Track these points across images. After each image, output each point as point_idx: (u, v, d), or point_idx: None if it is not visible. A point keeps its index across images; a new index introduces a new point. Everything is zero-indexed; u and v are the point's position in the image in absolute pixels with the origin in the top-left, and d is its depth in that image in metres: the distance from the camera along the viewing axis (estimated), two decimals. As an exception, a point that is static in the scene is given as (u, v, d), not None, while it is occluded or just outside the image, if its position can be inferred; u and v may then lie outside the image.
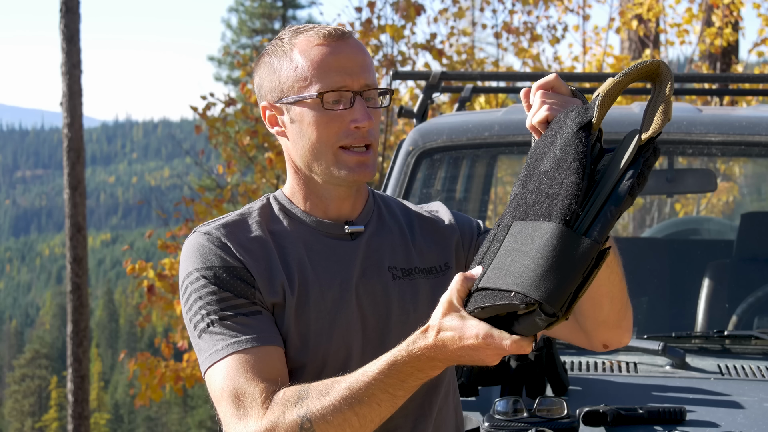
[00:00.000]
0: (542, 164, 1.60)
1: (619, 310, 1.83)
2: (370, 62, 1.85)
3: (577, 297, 1.49)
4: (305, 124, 1.83)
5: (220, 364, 1.74)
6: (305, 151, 1.84)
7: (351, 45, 1.84)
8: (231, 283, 1.78)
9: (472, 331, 1.54)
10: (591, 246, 1.48)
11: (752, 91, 4.31)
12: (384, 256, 1.90)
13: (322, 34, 1.83)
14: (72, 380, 11.10)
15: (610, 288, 1.79)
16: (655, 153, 1.56)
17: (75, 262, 11.06)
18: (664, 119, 1.55)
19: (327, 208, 1.89)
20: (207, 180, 15.48)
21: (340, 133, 1.81)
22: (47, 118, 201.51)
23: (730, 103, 8.88)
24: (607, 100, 1.59)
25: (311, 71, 1.81)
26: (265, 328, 1.77)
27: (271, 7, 30.14)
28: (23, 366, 46.75)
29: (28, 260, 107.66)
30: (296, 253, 1.84)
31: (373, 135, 1.84)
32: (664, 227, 6.46)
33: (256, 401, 1.69)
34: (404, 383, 1.62)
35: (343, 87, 1.81)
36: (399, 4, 9.75)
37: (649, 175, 1.55)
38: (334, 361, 1.80)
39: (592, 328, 1.86)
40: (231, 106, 10.03)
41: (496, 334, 1.52)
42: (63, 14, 11.14)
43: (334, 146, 1.82)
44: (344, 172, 1.82)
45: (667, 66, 1.58)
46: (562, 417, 2.37)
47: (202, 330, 1.77)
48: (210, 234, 1.83)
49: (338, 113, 1.81)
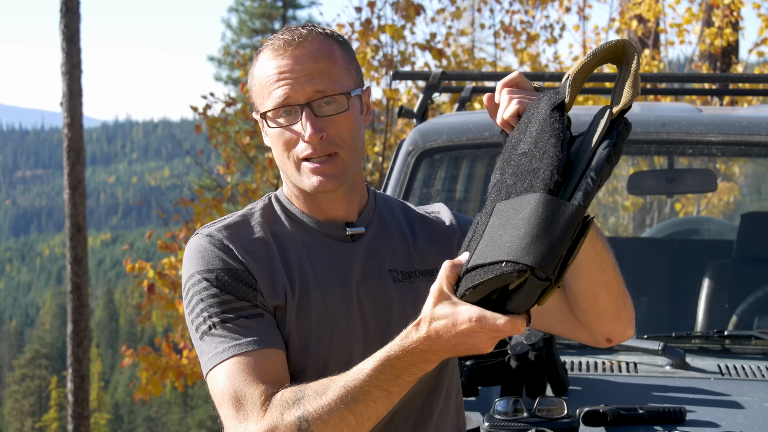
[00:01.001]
0: (519, 148, 1.63)
1: (616, 299, 1.84)
2: (324, 67, 1.80)
3: (567, 263, 1.50)
4: (270, 138, 1.87)
5: (221, 367, 1.74)
6: (278, 161, 1.88)
7: (299, 54, 1.80)
8: (233, 285, 1.78)
9: (465, 316, 1.53)
10: (576, 210, 1.51)
11: (752, 91, 4.32)
12: (385, 259, 1.89)
13: (276, 46, 1.82)
14: (72, 380, 11.10)
15: (603, 277, 1.80)
16: (626, 126, 1.61)
17: (75, 262, 11.06)
18: (633, 92, 1.60)
19: (322, 208, 1.89)
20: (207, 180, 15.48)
21: (298, 146, 1.82)
22: (47, 118, 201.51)
23: (730, 103, 8.87)
24: (577, 80, 1.62)
25: (260, 89, 1.83)
26: (267, 330, 1.77)
27: (271, 7, 30.14)
28: (23, 366, 46.75)
29: (28, 260, 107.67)
30: (297, 255, 1.84)
31: (335, 142, 1.81)
32: (664, 227, 6.46)
33: (256, 404, 1.69)
34: (399, 379, 1.62)
35: (286, 102, 1.80)
36: (399, 4, 9.75)
37: (623, 145, 1.60)
38: (335, 363, 1.80)
39: (592, 322, 1.87)
40: (231, 106, 10.03)
41: (489, 315, 1.51)
42: (63, 14, 11.14)
43: (295, 159, 1.83)
44: (306, 182, 1.83)
45: (632, 44, 1.62)
46: (562, 417, 2.38)
47: (203, 332, 1.77)
48: (212, 236, 1.83)
49: (288, 128, 1.81)
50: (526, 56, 10.84)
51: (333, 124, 1.81)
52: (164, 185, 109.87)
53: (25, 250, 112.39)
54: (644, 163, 6.99)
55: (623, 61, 1.63)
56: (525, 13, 11.22)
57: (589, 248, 1.77)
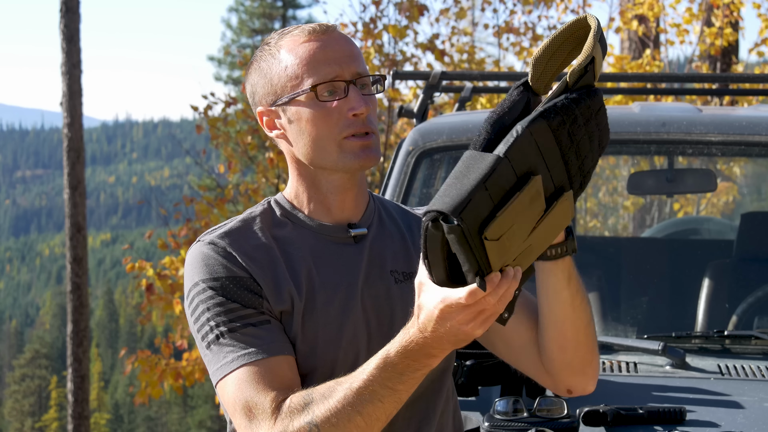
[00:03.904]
0: None
1: (584, 355, 1.85)
2: (358, 52, 1.85)
3: (494, 215, 1.47)
4: (303, 121, 1.82)
5: (230, 377, 1.74)
6: (307, 148, 1.83)
7: (336, 37, 1.84)
8: (238, 293, 1.78)
9: (433, 301, 1.52)
10: (488, 157, 1.49)
11: (752, 91, 4.31)
12: (386, 260, 1.89)
13: (306, 31, 1.83)
14: (72, 380, 11.10)
15: (575, 333, 1.81)
16: (589, 95, 1.56)
17: (75, 262, 11.06)
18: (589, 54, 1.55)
19: (330, 207, 1.88)
20: (207, 180, 15.47)
21: (340, 124, 1.81)
22: (47, 118, 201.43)
23: (730, 103, 8.87)
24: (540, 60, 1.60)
25: (301, 68, 1.81)
26: (275, 337, 1.77)
27: (271, 7, 30.15)
28: (23, 366, 46.76)
29: (28, 260, 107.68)
30: (302, 258, 1.84)
31: (372, 122, 1.83)
32: (664, 227, 6.46)
33: (267, 412, 1.69)
34: (402, 376, 1.62)
35: (335, 77, 1.80)
36: (402, 4, 9.74)
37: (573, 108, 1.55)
38: (342, 365, 1.80)
39: (557, 371, 1.87)
40: (232, 105, 10.03)
41: (451, 291, 1.50)
42: (63, 14, 11.14)
43: (337, 138, 1.81)
44: (350, 158, 1.81)
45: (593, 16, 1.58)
46: (562, 417, 2.38)
47: (210, 342, 1.77)
48: (215, 243, 1.82)
49: (335, 105, 1.80)
50: (529, 56, 10.83)
51: (372, 104, 1.84)
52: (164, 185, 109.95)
53: (25, 250, 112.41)
54: (644, 163, 7.00)
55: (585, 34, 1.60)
56: (527, 14, 11.21)
57: (566, 303, 1.78)
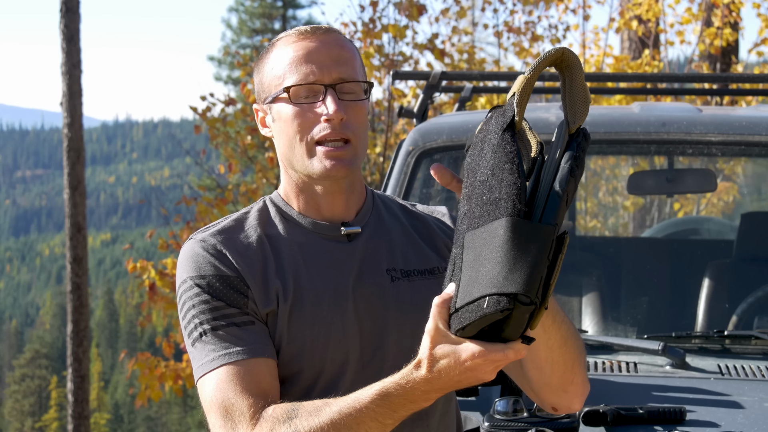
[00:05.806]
0: (478, 175, 1.62)
1: (561, 374, 1.82)
2: (349, 57, 1.84)
3: (549, 284, 1.50)
4: (282, 120, 1.84)
5: (210, 376, 1.75)
6: (285, 147, 1.86)
7: (326, 40, 1.84)
8: (224, 292, 1.78)
9: (468, 353, 1.51)
10: (547, 229, 1.51)
11: (752, 91, 4.32)
12: (382, 258, 1.89)
13: (299, 32, 1.85)
14: (72, 380, 11.10)
15: (548, 353, 1.78)
16: (585, 137, 1.61)
17: (75, 262, 11.06)
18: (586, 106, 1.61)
19: (319, 206, 1.88)
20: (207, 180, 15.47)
21: (314, 127, 1.81)
22: (47, 118, 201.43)
23: (730, 103, 8.87)
24: (523, 97, 1.62)
25: (283, 68, 1.83)
26: (257, 339, 1.77)
27: (271, 7, 30.15)
28: (23, 366, 46.75)
29: (28, 260, 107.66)
30: (291, 257, 1.84)
31: (351, 129, 1.82)
32: (664, 227, 6.46)
33: (245, 415, 1.69)
34: (395, 413, 1.62)
35: (314, 81, 1.81)
36: (402, 3, 9.74)
37: (584, 157, 1.61)
38: (331, 364, 1.80)
39: (538, 390, 1.87)
40: (230, 105, 10.02)
41: (491, 347, 1.50)
42: (63, 14, 11.13)
43: (308, 141, 1.82)
44: (317, 165, 1.82)
45: (572, 51, 1.61)
46: (562, 417, 2.38)
47: (195, 339, 1.78)
48: (205, 241, 1.83)
49: (308, 106, 1.81)
50: (529, 56, 10.83)
51: (352, 111, 1.83)
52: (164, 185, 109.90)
53: (25, 250, 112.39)
54: (644, 163, 7.00)
55: (564, 68, 1.62)
56: (527, 14, 11.21)
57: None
